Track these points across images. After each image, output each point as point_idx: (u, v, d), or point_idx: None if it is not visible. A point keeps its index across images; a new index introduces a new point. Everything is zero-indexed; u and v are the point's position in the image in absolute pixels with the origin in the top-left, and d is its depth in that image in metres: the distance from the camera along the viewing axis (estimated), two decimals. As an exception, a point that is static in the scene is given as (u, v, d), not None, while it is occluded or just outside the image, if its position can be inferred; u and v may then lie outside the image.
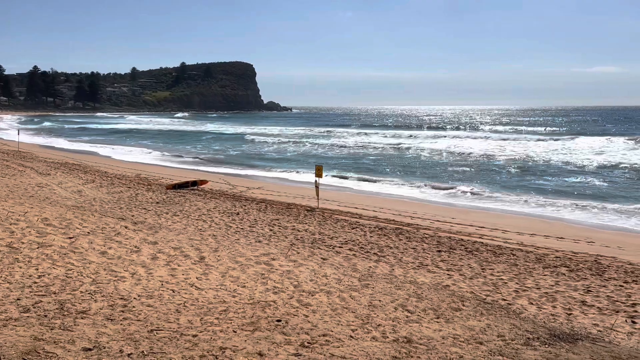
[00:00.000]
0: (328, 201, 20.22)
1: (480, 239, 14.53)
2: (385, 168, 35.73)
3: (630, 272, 11.37)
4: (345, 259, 11.15)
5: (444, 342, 6.34)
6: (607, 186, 26.91)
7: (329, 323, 6.77)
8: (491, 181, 28.99)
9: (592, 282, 10.47)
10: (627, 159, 38.01)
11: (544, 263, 11.92)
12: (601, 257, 12.85)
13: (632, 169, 32.86)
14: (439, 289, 9.13)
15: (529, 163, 36.93)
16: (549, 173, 32.12)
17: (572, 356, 6.15)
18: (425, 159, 40.36)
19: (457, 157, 41.38)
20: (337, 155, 44.64)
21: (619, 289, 10.04)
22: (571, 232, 16.12)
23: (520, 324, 7.41)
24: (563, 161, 37.51)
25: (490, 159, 39.39)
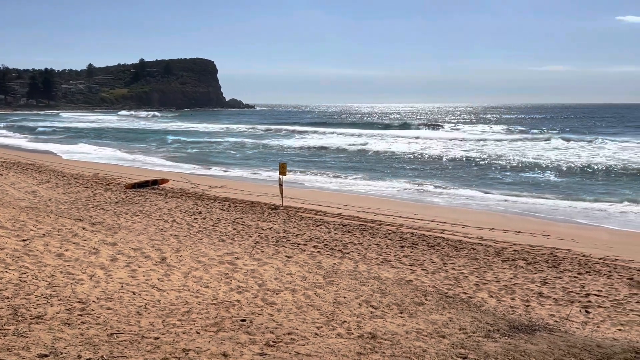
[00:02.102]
0: (292, 199, 20.18)
1: (441, 234, 14.80)
2: (349, 165, 35.95)
3: (584, 264, 11.81)
4: (310, 257, 11.15)
5: (408, 336, 6.42)
6: (562, 182, 27.88)
7: (294, 321, 6.76)
8: (452, 177, 29.58)
9: (549, 274, 10.82)
10: (579, 156, 39.47)
11: (503, 257, 12.24)
12: (557, 250, 13.29)
13: (586, 165, 34.14)
14: (403, 284, 9.25)
15: (489, 159, 37.86)
16: (507, 169, 33.02)
17: (531, 347, 6.33)
18: (388, 157, 40.81)
19: (419, 154, 42.01)
20: (300, 153, 44.63)
21: (574, 280, 10.41)
22: (528, 226, 16.61)
23: (481, 316, 7.58)
24: (520, 157, 38.61)
25: (451, 156, 40.17)
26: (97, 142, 53.78)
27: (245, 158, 41.04)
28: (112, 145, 50.68)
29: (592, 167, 32.52)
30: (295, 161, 37.21)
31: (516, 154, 40.30)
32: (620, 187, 25.55)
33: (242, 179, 28.08)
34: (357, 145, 49.54)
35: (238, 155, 43.21)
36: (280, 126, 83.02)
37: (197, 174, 29.58)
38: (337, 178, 29.17)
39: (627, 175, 29.49)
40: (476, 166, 34.58)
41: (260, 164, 36.55)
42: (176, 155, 42.45)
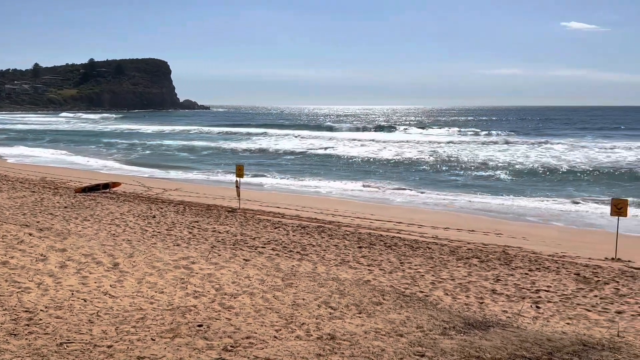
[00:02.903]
0: (250, 201, 20.00)
1: (398, 234, 15.01)
2: (307, 167, 35.98)
3: (534, 261, 12.23)
4: (269, 259, 11.06)
5: (367, 336, 6.46)
6: (512, 181, 28.83)
7: (253, 325, 6.68)
8: (407, 178, 30.08)
9: (501, 271, 11.13)
10: (527, 157, 40.95)
11: (457, 255, 12.52)
12: (508, 248, 13.71)
13: (534, 165, 35.43)
14: (361, 285, 9.31)
15: (442, 160, 38.72)
16: (460, 169, 33.86)
17: (485, 342, 6.49)
18: (346, 158, 41.08)
19: (376, 156, 42.51)
20: (257, 155, 44.33)
21: (525, 276, 10.76)
22: (481, 225, 17.07)
23: (437, 314, 7.71)
24: (472, 158, 39.68)
25: (406, 157, 40.85)
26: (40, 145, 51.65)
27: (201, 160, 40.41)
28: (59, 147, 48.80)
29: (541, 167, 33.79)
30: (252, 163, 36.92)
31: (468, 155, 41.39)
32: (566, 187, 26.65)
33: (197, 182, 27.63)
34: (315, 147, 49.66)
35: (193, 157, 42.50)
36: (237, 128, 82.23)
37: (150, 177, 28.89)
38: (295, 180, 29.14)
39: (573, 175, 30.80)
40: (430, 167, 35.30)
41: (215, 166, 36.07)
42: (128, 157, 41.33)
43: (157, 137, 64.41)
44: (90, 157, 40.99)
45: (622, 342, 7.08)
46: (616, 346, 6.86)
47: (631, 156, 39.75)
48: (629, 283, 10.43)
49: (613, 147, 46.21)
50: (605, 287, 10.09)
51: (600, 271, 11.39)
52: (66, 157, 40.36)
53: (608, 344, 6.93)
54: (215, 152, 47.07)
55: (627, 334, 7.49)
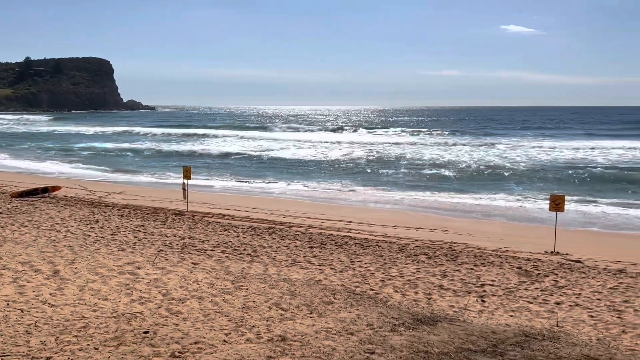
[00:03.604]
0: (198, 203, 19.61)
1: (349, 233, 15.13)
2: (256, 168, 35.70)
3: (479, 256, 12.62)
4: (218, 262, 10.87)
5: (317, 336, 6.45)
6: (457, 179, 29.68)
7: (201, 329, 6.54)
8: (356, 178, 30.40)
9: (448, 267, 11.42)
10: (471, 155, 42.30)
11: (406, 252, 12.75)
12: (455, 244, 14.10)
13: (478, 164, 36.62)
14: (312, 284, 9.30)
15: (389, 160, 39.39)
16: (406, 168, 34.54)
17: (433, 337, 6.63)
18: (293, 159, 41.05)
19: (322, 156, 42.73)
20: (204, 156, 43.58)
21: (470, 271, 11.08)
22: (428, 222, 17.47)
23: (387, 311, 7.81)
24: (418, 157, 40.59)
25: (355, 157, 41.29)
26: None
27: (145, 162, 39.32)
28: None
29: (484, 166, 34.97)
30: (199, 165, 36.26)
31: (414, 155, 42.31)
32: (508, 184, 27.69)
33: (142, 184, 26.85)
34: (264, 148, 49.37)
35: (137, 159, 41.30)
36: (183, 129, 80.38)
37: (92, 180, 27.82)
38: (244, 181, 28.84)
39: (514, 172, 32.06)
40: (378, 167, 35.83)
41: (161, 168, 35.19)
42: (68, 160, 39.64)
43: (100, 139, 62.13)
44: (28, 160, 39.04)
45: (561, 331, 7.42)
46: (555, 336, 7.17)
47: (568, 154, 41.83)
48: (567, 275, 10.94)
49: (552, 146, 48.45)
50: (545, 279, 10.54)
51: (541, 264, 11.90)
52: (1, 161, 38.26)
53: (548, 334, 7.24)
54: (161, 153, 45.91)
55: (566, 323, 7.85)
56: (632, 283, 10.37)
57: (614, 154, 41.43)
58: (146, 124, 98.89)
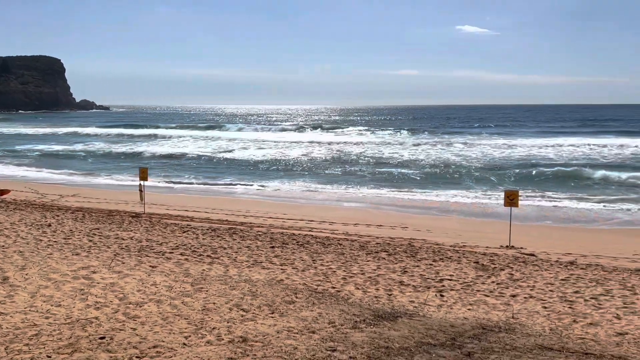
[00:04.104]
0: (156, 205, 19.20)
1: (310, 232, 15.13)
2: (213, 168, 35.26)
3: (437, 252, 12.86)
4: (177, 265, 10.67)
5: (279, 336, 6.42)
6: (416, 177, 30.16)
7: (160, 333, 6.39)
8: (316, 176, 30.46)
9: (408, 263, 11.59)
10: (429, 153, 43.07)
11: (367, 250, 12.86)
12: (414, 240, 14.32)
13: (436, 161, 37.33)
14: (274, 284, 9.25)
15: (350, 158, 39.64)
16: (366, 166, 34.87)
17: (394, 333, 6.71)
18: (254, 158, 40.76)
19: (283, 155, 42.61)
20: (161, 157, 42.69)
21: (429, 267, 11.28)
22: (389, 220, 17.68)
23: (349, 308, 7.86)
24: (378, 156, 41.03)
25: (315, 156, 41.36)
26: None
27: (99, 163, 38.21)
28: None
29: (442, 163, 35.67)
30: (156, 166, 35.52)
31: (375, 153, 42.75)
32: (465, 181, 28.35)
33: (97, 186, 26.08)
34: (223, 148, 48.81)
35: (90, 161, 40.10)
36: (139, 129, 78.30)
37: (44, 183, 26.81)
38: (203, 182, 28.43)
39: (471, 169, 32.84)
40: (338, 165, 36.01)
41: (116, 169, 34.28)
42: (17, 162, 38.06)
43: (51, 140, 59.91)
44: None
45: (516, 323, 7.64)
46: (511, 327, 7.38)
47: (522, 151, 43.17)
48: (521, 268, 11.29)
49: (507, 144, 49.86)
50: (501, 273, 10.84)
51: (497, 258, 12.23)
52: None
53: (504, 325, 7.45)
54: (115, 154, 44.67)
55: (521, 315, 8.09)
56: (582, 274, 10.79)
57: (566, 150, 43.04)
58: (100, 124, 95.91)
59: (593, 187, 25.41)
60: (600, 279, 10.38)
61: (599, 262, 12.14)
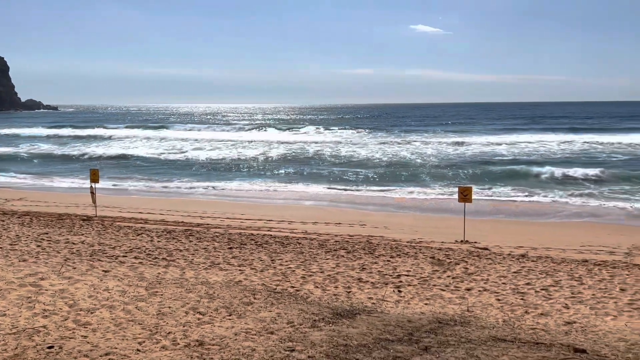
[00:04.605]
0: (108, 208, 18.63)
1: (269, 232, 15.03)
2: (168, 169, 34.53)
3: (395, 248, 13.02)
4: (131, 269, 10.37)
5: (237, 338, 6.33)
6: (374, 175, 30.46)
7: (113, 340, 6.19)
8: (274, 175, 30.32)
9: (366, 260, 11.68)
10: (385, 152, 43.60)
11: (326, 248, 12.88)
12: (372, 237, 14.45)
13: (394, 159, 37.82)
14: (231, 286, 9.13)
15: (308, 157, 39.66)
16: (324, 165, 34.98)
17: (352, 330, 6.73)
18: (210, 157, 40.16)
19: (241, 153, 42.20)
20: (114, 157, 41.46)
21: (387, 263, 11.40)
22: (347, 217, 17.78)
23: (307, 307, 7.84)
24: (335, 154, 41.21)
25: (273, 155, 41.16)
26: None
27: (48, 165, 36.77)
28: None
29: (399, 161, 36.18)
30: (107, 166, 34.49)
31: (332, 151, 42.94)
32: (420, 177, 28.85)
33: (45, 189, 25.07)
34: (177, 148, 47.88)
35: (37, 162, 38.53)
36: (88, 130, 75.36)
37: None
38: (158, 183, 27.80)
39: (426, 166, 33.46)
40: (297, 164, 35.97)
41: (66, 171, 33.06)
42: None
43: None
44: None
45: (471, 316, 7.82)
46: (466, 320, 7.54)
47: (476, 148, 44.30)
48: (475, 262, 11.57)
49: (461, 141, 51.04)
50: (456, 267, 11.08)
51: (452, 253, 12.49)
52: None
53: (459, 319, 7.60)
54: (63, 156, 43.01)
55: (475, 308, 8.29)
56: (533, 266, 11.16)
57: (518, 147, 44.45)
58: (47, 124, 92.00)
59: (543, 182, 26.36)
60: (550, 271, 10.76)
61: (548, 254, 12.60)
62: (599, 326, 7.44)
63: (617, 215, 18.77)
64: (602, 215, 18.87)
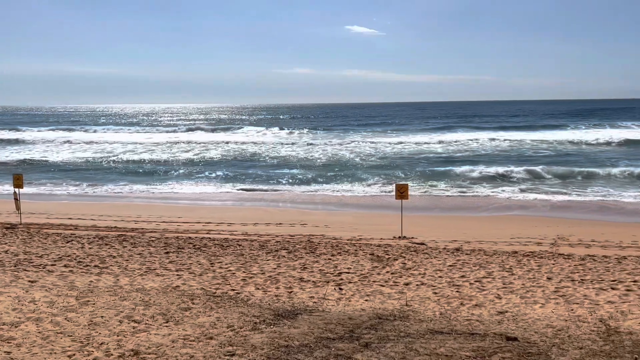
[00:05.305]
0: (34, 214, 17.60)
1: (207, 235, 14.73)
2: (98, 172, 33.11)
3: (335, 246, 13.12)
4: (61, 278, 9.84)
5: (174, 345, 6.13)
6: (311, 175, 30.58)
7: (40, 355, 5.83)
8: (212, 177, 29.77)
9: (307, 259, 11.69)
10: (325, 151, 43.93)
11: (267, 249, 12.78)
12: (313, 236, 14.49)
13: (333, 158, 38.13)
14: (169, 292, 8.86)
15: (247, 158, 39.26)
16: (263, 166, 34.74)
17: (293, 330, 6.70)
18: (144, 160, 38.87)
19: (176, 155, 41.13)
20: (38, 162, 39.24)
21: (328, 261, 11.46)
22: (288, 217, 17.73)
23: (248, 310, 7.73)
24: (274, 155, 41.05)
25: (210, 156, 40.41)
26: None
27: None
28: None
29: (338, 160, 36.53)
30: (30, 170, 32.61)
31: (271, 152, 42.74)
32: (360, 176, 29.24)
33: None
34: (106, 151, 46.00)
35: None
36: (4, 132, 70.66)
37: None
38: (88, 187, 26.58)
39: (365, 164, 33.98)
40: (234, 165, 35.51)
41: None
42: None
43: None
44: None
45: (409, 310, 7.99)
46: (405, 315, 7.70)
47: (413, 146, 45.47)
48: (413, 257, 11.86)
49: (398, 140, 52.23)
50: (395, 263, 11.30)
51: (391, 249, 12.74)
52: None
53: (399, 313, 7.75)
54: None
55: (414, 302, 8.48)
56: (467, 259, 11.58)
57: (451, 144, 46.02)
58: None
59: (475, 178, 27.43)
60: (483, 263, 11.21)
61: (481, 247, 13.11)
62: (529, 314, 7.81)
63: (543, 207, 19.85)
64: (529, 207, 19.90)
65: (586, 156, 36.09)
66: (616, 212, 18.90)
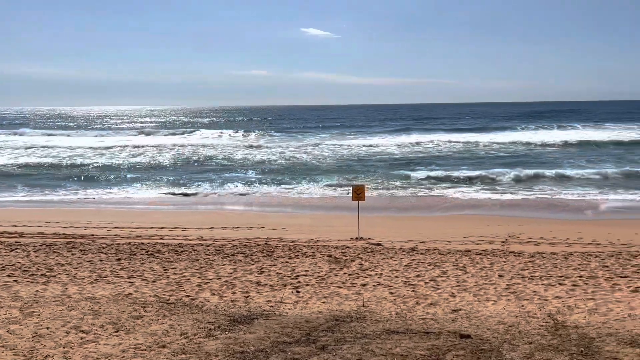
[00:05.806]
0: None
1: (161, 240, 14.37)
2: (43, 177, 31.80)
3: (293, 249, 13.05)
4: (3, 288, 9.36)
5: (125, 355, 5.92)
6: (268, 177, 30.41)
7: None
8: (165, 181, 29.11)
9: (265, 263, 11.57)
10: (283, 153, 43.80)
11: (223, 253, 12.58)
12: (270, 240, 14.37)
13: (289, 160, 38.03)
14: (120, 300, 8.57)
15: (199, 161, 38.65)
16: (219, 169, 34.29)
17: (249, 336, 6.60)
18: (93, 164, 37.63)
19: (127, 159, 40.03)
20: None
21: (286, 264, 11.39)
22: (245, 221, 17.53)
23: (203, 316, 7.56)
24: (230, 157, 40.59)
25: (162, 160, 39.55)
26: None
27: None
28: None
29: (295, 162, 36.46)
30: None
31: (226, 155, 42.23)
32: (316, 178, 29.28)
33: None
34: (55, 155, 44.29)
35: None
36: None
37: None
38: (34, 193, 25.49)
39: (321, 167, 34.07)
40: (188, 169, 34.90)
41: None
42: None
43: None
44: None
45: (366, 311, 8.02)
46: (362, 315, 7.72)
47: (367, 148, 45.94)
48: (370, 258, 11.94)
49: (353, 142, 52.67)
50: (352, 264, 11.35)
51: (348, 250, 12.79)
52: None
53: (356, 315, 7.77)
54: None
55: (370, 302, 8.52)
56: (422, 259, 11.76)
57: (408, 146, 46.76)
58: None
59: (430, 179, 27.95)
60: (438, 262, 11.41)
61: (436, 246, 13.35)
62: (482, 311, 7.99)
63: (494, 206, 20.44)
64: (482, 206, 20.45)
65: (535, 157, 37.53)
66: (562, 209, 19.74)
